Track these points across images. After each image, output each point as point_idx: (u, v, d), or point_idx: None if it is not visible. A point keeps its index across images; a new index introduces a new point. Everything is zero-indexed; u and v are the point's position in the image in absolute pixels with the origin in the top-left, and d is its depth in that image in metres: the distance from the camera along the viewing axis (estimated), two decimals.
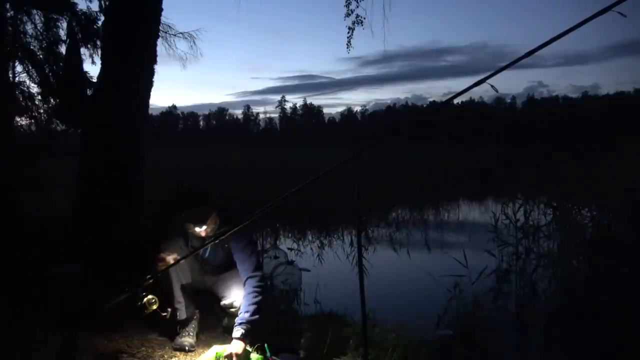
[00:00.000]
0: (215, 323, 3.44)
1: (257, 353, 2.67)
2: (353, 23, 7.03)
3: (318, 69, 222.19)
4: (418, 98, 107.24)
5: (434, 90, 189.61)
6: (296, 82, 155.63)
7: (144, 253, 4.51)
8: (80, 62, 5.36)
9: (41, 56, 9.04)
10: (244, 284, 2.92)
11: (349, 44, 7.27)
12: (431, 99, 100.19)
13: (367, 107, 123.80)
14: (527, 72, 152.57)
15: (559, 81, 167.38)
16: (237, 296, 3.01)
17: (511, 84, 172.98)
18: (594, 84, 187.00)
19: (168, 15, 11.55)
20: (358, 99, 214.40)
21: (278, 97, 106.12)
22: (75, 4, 8.10)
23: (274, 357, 2.70)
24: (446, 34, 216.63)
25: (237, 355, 2.67)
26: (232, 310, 3.03)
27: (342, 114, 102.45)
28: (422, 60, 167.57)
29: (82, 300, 3.48)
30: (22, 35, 8.66)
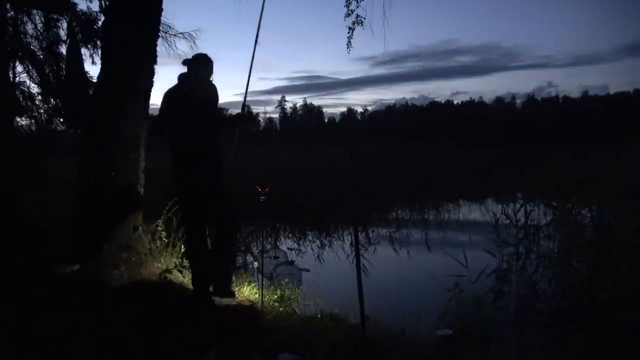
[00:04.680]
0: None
1: None
2: (353, 23, 7.01)
3: (328, 70, 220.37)
4: (425, 99, 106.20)
5: (442, 90, 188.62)
6: (303, 82, 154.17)
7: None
8: (81, 62, 5.36)
9: (41, 56, 9.04)
10: None
11: (349, 44, 7.24)
12: (437, 99, 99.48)
13: (369, 108, 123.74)
14: (538, 73, 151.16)
15: (569, 81, 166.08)
16: None
17: (520, 84, 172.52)
18: (603, 84, 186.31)
19: (168, 15, 11.53)
20: (364, 99, 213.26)
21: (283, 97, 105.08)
22: (75, 4, 8.09)
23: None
24: (463, 33, 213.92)
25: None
26: None
27: (342, 113, 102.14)
28: (434, 60, 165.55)
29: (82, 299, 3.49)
30: (22, 35, 8.66)
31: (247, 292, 4.38)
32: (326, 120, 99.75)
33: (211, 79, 3.89)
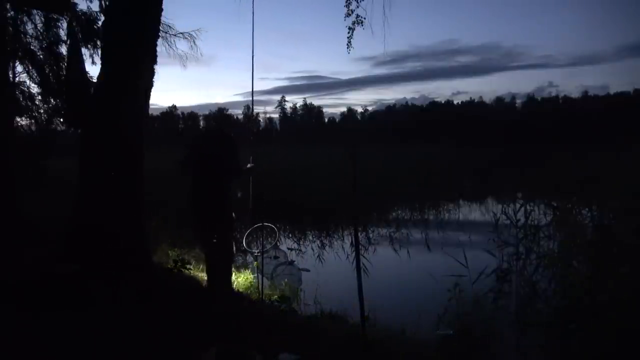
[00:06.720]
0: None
1: None
2: (353, 23, 7.00)
3: (329, 69, 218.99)
4: (425, 99, 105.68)
5: (442, 90, 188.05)
6: (303, 82, 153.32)
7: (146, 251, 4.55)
8: (81, 62, 5.36)
9: (41, 56, 9.03)
10: None
11: (349, 44, 7.23)
12: (437, 99, 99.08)
13: (369, 108, 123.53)
14: (538, 73, 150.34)
15: (569, 81, 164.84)
16: None
17: (520, 84, 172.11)
18: (603, 84, 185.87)
19: (168, 15, 11.53)
20: (364, 99, 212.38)
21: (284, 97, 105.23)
22: (75, 4, 8.11)
23: None
24: (463, 33, 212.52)
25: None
26: None
27: (342, 113, 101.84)
28: (434, 60, 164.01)
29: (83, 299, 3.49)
30: (22, 35, 8.65)
31: (247, 291, 4.38)
32: (326, 120, 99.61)
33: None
